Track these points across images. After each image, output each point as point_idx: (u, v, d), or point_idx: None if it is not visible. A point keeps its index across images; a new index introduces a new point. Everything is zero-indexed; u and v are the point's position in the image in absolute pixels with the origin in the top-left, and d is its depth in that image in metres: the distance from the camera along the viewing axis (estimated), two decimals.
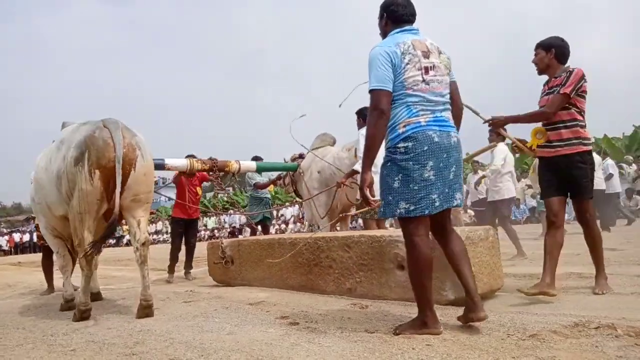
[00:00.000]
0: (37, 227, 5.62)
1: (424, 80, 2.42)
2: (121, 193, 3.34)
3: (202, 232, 24.52)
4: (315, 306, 3.32)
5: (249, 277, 4.59)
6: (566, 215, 3.47)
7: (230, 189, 6.50)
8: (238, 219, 23.96)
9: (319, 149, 6.30)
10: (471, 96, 3.22)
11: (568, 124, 3.19)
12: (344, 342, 2.34)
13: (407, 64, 2.41)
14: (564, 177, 3.23)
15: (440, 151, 2.38)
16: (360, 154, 4.72)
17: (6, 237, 30.93)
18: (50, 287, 5.64)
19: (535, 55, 3.40)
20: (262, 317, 3.08)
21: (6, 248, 29.68)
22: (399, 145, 2.40)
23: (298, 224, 21.20)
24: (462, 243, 2.59)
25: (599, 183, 9.03)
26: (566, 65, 3.31)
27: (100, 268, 8.25)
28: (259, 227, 7.29)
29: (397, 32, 2.55)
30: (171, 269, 6.20)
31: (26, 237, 30.28)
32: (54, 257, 4.44)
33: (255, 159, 6.66)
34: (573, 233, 6.46)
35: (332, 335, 2.49)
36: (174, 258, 6.26)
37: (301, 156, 6.62)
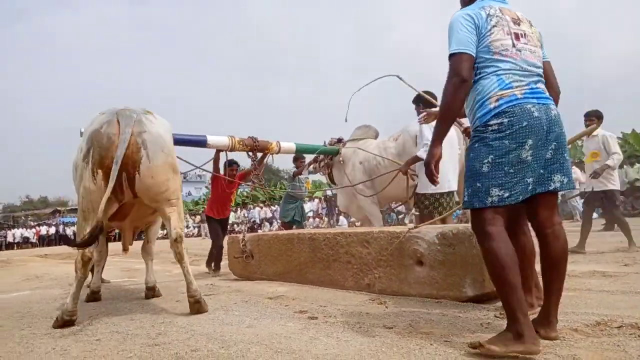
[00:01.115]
0: None
1: (514, 46, 2.14)
2: (135, 196, 3.20)
3: None
4: (334, 301, 3.35)
5: (268, 271, 4.65)
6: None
7: (250, 183, 6.37)
8: (257, 213, 24.17)
9: (359, 140, 6.11)
10: None
11: None
12: (362, 336, 2.36)
13: (494, 26, 2.13)
14: None
15: (541, 127, 2.05)
16: (420, 139, 4.49)
17: (33, 230, 31.90)
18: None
19: None
20: (281, 311, 3.12)
21: (33, 240, 30.63)
22: (491, 122, 2.07)
23: (317, 219, 21.22)
24: (560, 243, 2.15)
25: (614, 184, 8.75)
26: None
27: (122, 261, 8.49)
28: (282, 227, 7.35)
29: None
30: (216, 265, 6.02)
31: (52, 230, 31.18)
32: None
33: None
34: (596, 230, 6.32)
35: (350, 329, 2.51)
36: (216, 253, 6.07)
37: (340, 140, 6.47)
